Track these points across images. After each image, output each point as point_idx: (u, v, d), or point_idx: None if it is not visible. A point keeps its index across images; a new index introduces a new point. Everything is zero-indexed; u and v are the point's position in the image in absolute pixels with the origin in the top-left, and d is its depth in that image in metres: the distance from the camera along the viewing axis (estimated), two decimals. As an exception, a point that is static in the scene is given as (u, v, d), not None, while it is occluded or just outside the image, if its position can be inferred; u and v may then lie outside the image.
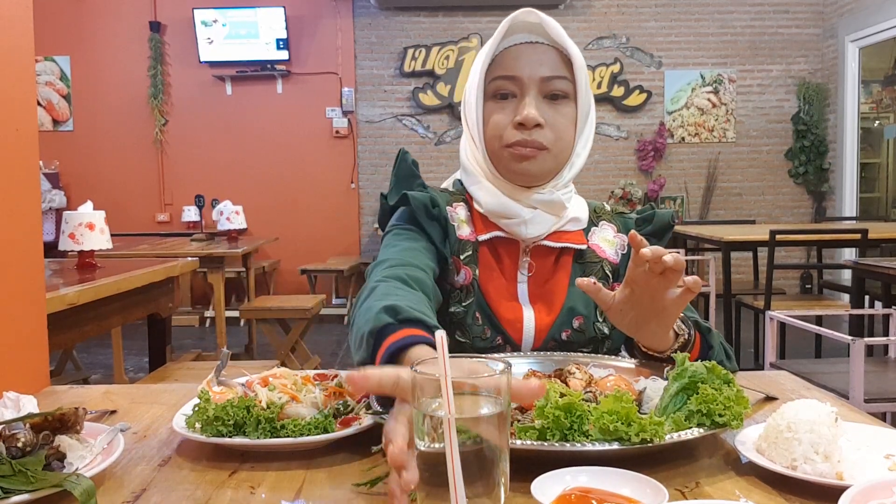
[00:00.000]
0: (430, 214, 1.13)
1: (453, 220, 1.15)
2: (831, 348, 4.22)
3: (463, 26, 6.81)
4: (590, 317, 1.14)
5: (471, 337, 1.12)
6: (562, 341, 1.13)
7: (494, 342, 1.12)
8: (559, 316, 1.13)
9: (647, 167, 6.88)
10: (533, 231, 1.12)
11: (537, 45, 1.11)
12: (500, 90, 1.11)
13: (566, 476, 0.68)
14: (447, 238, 1.13)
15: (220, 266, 4.48)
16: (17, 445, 0.71)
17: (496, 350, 1.11)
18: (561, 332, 1.13)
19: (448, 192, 1.21)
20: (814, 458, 0.71)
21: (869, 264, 3.00)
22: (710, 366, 0.83)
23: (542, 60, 1.10)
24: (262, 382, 0.90)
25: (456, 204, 1.18)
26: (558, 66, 1.10)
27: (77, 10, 6.74)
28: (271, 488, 0.74)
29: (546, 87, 1.10)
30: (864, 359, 2.15)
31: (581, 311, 1.13)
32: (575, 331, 1.13)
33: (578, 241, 1.16)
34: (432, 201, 1.13)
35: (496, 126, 1.11)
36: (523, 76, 1.09)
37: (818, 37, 6.90)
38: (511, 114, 1.10)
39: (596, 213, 1.23)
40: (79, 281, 2.29)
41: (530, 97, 1.09)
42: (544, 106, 1.09)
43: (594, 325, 1.14)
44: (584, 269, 1.16)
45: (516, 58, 1.10)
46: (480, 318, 1.12)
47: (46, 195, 6.36)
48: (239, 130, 6.88)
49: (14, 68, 1.11)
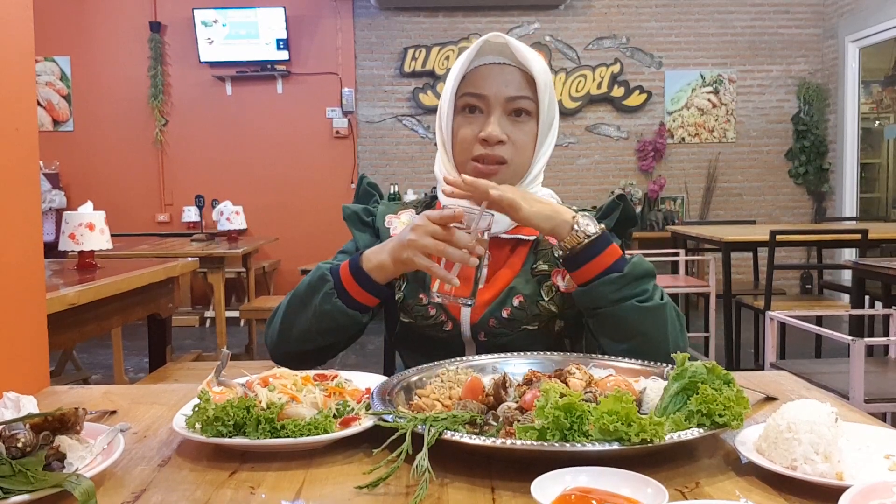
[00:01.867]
0: (362, 221, 1.32)
1: (389, 224, 1.31)
2: (831, 348, 4.22)
3: (463, 26, 6.81)
4: (531, 296, 1.22)
5: (414, 316, 1.26)
6: (503, 319, 1.22)
7: (438, 319, 1.24)
8: (499, 294, 1.23)
9: (647, 167, 6.88)
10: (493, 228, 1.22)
11: (505, 66, 1.21)
12: (468, 105, 1.22)
13: (566, 476, 0.68)
14: (379, 238, 1.29)
15: (220, 266, 4.48)
16: (17, 446, 0.71)
17: (439, 327, 1.24)
18: (501, 310, 1.22)
19: (401, 203, 1.37)
20: (814, 459, 0.71)
21: (869, 264, 3.00)
22: (710, 366, 0.83)
23: (508, 81, 1.20)
24: (262, 383, 0.90)
25: (402, 212, 1.33)
26: (522, 87, 1.20)
27: (77, 10, 6.74)
28: (271, 488, 0.74)
29: (510, 105, 1.20)
30: (865, 359, 2.15)
31: (521, 291, 1.23)
32: (515, 308, 1.22)
33: (530, 233, 1.26)
34: (366, 211, 1.33)
35: (464, 139, 1.21)
36: (490, 95, 1.20)
37: (818, 37, 6.90)
38: (477, 129, 1.20)
39: None
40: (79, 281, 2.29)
41: (495, 115, 1.19)
42: (508, 123, 1.20)
43: (538, 303, 1.22)
44: (537, 256, 1.26)
45: (485, 77, 1.21)
46: (426, 298, 1.25)
47: (46, 195, 6.36)
48: (239, 131, 6.88)
49: (14, 68, 1.11)
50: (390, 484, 0.74)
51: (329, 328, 1.17)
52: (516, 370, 1.01)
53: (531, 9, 6.81)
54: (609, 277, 1.10)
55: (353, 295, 1.15)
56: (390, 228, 1.30)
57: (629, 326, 1.11)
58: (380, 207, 1.35)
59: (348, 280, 1.16)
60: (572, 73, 6.85)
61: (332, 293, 1.15)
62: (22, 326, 1.12)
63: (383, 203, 1.36)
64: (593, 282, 1.11)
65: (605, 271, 1.11)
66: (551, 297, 1.23)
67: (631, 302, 1.10)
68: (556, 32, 6.88)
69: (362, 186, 1.38)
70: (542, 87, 1.19)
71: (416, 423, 0.79)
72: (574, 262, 1.12)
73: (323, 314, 1.16)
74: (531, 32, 6.83)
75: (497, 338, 1.22)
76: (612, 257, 1.11)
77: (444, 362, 1.05)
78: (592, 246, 1.10)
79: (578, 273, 1.13)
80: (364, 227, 1.32)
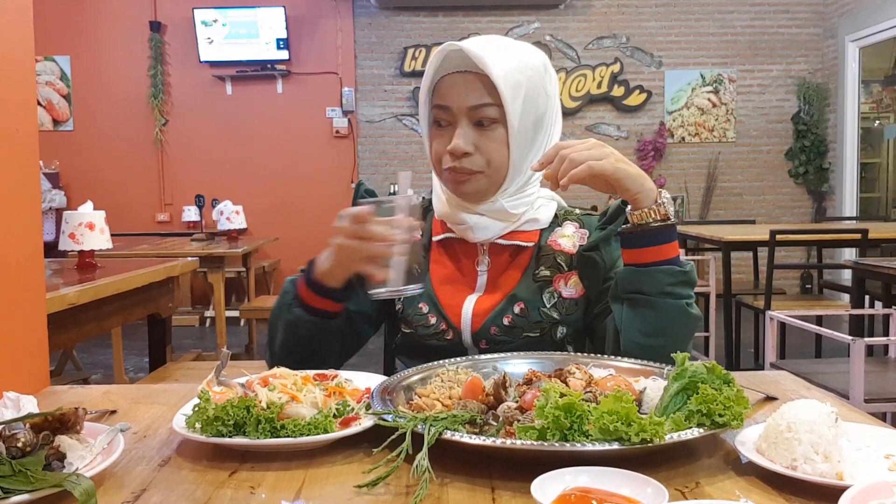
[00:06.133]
0: None
1: None
2: (831, 348, 4.22)
3: (463, 26, 6.81)
4: (533, 302, 1.21)
5: (414, 326, 1.25)
6: (504, 326, 1.20)
7: (439, 328, 1.23)
8: (501, 302, 1.21)
9: (647, 167, 6.87)
10: (481, 235, 1.23)
11: (466, 74, 1.17)
12: (437, 118, 1.20)
13: (566, 476, 0.68)
14: None
15: (220, 266, 4.47)
16: (17, 445, 0.71)
17: (441, 335, 1.22)
18: (502, 317, 1.20)
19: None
20: (814, 459, 0.71)
21: (869, 264, 3.00)
22: (710, 366, 0.83)
23: (469, 90, 1.16)
24: (262, 382, 0.90)
25: None
26: (483, 94, 1.16)
27: (77, 9, 6.74)
28: (271, 488, 0.74)
29: (474, 115, 1.17)
30: (865, 359, 2.15)
31: (522, 297, 1.21)
32: (516, 316, 1.20)
33: (529, 239, 1.24)
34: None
35: (436, 152, 1.21)
36: (453, 107, 1.17)
37: (818, 37, 6.90)
38: (446, 141, 1.18)
39: (563, 215, 1.30)
40: (79, 281, 2.29)
41: (461, 127, 1.17)
42: (475, 133, 1.17)
43: (539, 310, 1.21)
44: (539, 262, 1.24)
45: (449, 88, 1.18)
46: (427, 307, 1.24)
47: (46, 195, 6.36)
48: (239, 130, 6.88)
49: (14, 68, 1.11)
50: (390, 484, 0.74)
51: (300, 338, 1.17)
52: (516, 370, 1.01)
53: (531, 8, 6.80)
54: (671, 268, 1.07)
55: (310, 302, 1.16)
56: None
57: (666, 324, 1.08)
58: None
59: (303, 288, 1.16)
60: (572, 72, 6.85)
61: (292, 303, 1.17)
62: (22, 326, 1.12)
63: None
64: (653, 266, 1.07)
65: (669, 260, 1.07)
66: (553, 304, 1.21)
67: (680, 302, 1.07)
68: (557, 32, 6.88)
69: (359, 193, 1.38)
70: (505, 90, 1.13)
71: (416, 423, 0.79)
72: (642, 239, 1.07)
73: (289, 324, 1.17)
74: (531, 32, 6.83)
75: (499, 345, 1.20)
76: (676, 250, 1.09)
77: (444, 362, 1.05)
78: (669, 230, 1.06)
79: (642, 252, 1.08)
80: None
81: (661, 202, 1.06)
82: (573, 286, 1.21)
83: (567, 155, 1.04)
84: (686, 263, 1.09)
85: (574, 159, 1.03)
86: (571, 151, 1.04)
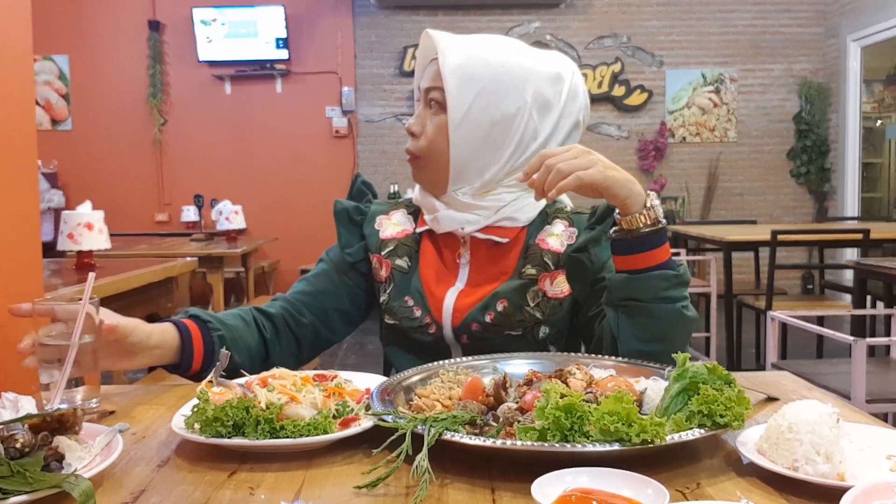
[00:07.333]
0: (351, 219, 1.32)
1: (380, 224, 1.31)
2: (833, 349, 4.21)
3: (463, 25, 6.81)
4: (516, 301, 1.19)
5: (399, 318, 1.25)
6: (486, 323, 1.19)
7: (423, 321, 1.23)
8: (484, 298, 1.20)
9: (648, 167, 6.87)
10: (444, 226, 1.23)
11: (434, 60, 1.21)
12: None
13: (567, 477, 0.68)
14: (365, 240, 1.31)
15: (219, 266, 4.47)
16: (16, 446, 0.71)
17: (425, 328, 1.22)
18: (484, 314, 1.20)
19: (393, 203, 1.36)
20: (815, 459, 0.71)
21: (871, 265, 3.00)
22: (711, 366, 0.82)
23: (427, 73, 1.22)
24: (262, 383, 0.90)
25: (393, 212, 1.33)
26: (436, 78, 1.19)
27: (76, 9, 6.74)
28: (271, 489, 0.74)
29: (426, 97, 1.22)
30: (866, 359, 2.15)
31: (506, 295, 1.20)
32: (499, 313, 1.19)
33: (505, 235, 1.23)
34: (357, 210, 1.32)
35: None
36: (418, 87, 1.25)
37: (820, 36, 6.90)
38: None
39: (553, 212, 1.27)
40: (77, 281, 2.29)
41: (418, 108, 1.23)
42: (426, 115, 1.22)
43: (523, 308, 1.19)
44: (526, 260, 1.23)
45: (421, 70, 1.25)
46: (412, 300, 1.24)
47: (45, 195, 6.36)
48: (238, 130, 6.88)
49: (12, 68, 1.11)
50: (390, 484, 0.74)
51: (236, 365, 1.17)
52: (517, 370, 1.01)
53: (532, 7, 6.80)
54: (664, 273, 1.02)
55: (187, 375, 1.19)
56: (380, 231, 1.30)
57: (662, 329, 1.04)
58: (372, 207, 1.33)
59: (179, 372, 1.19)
60: (573, 72, 6.84)
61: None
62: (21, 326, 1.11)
63: (376, 203, 1.35)
64: (646, 272, 1.02)
65: (661, 265, 1.03)
66: (537, 304, 1.19)
67: (676, 305, 1.03)
68: (557, 31, 6.88)
69: (356, 185, 1.38)
70: (449, 77, 1.15)
71: (415, 424, 0.78)
72: (634, 245, 1.03)
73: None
74: (532, 31, 6.83)
75: (480, 341, 1.19)
76: (668, 253, 1.05)
77: (444, 362, 1.05)
78: (660, 234, 1.03)
79: (635, 258, 1.03)
80: (352, 226, 1.32)
81: (651, 206, 1.02)
82: (559, 285, 1.19)
83: (553, 165, 0.99)
84: (678, 264, 1.05)
85: (561, 170, 0.98)
86: (557, 161, 0.99)
